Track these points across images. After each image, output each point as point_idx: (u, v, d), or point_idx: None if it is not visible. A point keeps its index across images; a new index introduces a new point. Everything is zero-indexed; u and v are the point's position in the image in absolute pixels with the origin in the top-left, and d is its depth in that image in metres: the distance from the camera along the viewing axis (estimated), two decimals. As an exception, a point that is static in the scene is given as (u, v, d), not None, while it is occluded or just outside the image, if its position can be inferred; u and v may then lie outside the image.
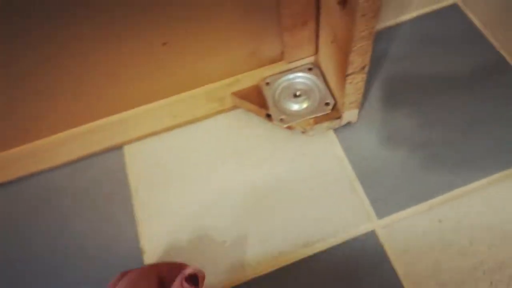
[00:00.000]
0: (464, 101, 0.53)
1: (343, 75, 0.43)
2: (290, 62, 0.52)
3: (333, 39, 0.44)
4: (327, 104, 0.50)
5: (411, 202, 0.48)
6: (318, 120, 0.50)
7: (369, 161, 0.51)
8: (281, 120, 0.50)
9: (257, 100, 0.53)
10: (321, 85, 0.51)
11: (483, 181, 0.48)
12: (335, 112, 0.50)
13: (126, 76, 0.47)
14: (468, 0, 0.61)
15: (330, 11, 0.41)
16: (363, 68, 0.42)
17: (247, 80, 0.53)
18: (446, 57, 0.57)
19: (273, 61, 0.52)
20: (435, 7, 0.62)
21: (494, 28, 0.58)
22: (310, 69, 0.53)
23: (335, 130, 0.54)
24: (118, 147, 0.56)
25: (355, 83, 0.44)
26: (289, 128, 0.52)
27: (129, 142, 0.55)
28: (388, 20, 0.61)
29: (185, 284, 0.34)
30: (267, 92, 0.52)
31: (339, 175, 0.51)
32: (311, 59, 0.53)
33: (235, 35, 0.46)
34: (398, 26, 0.61)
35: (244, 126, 0.55)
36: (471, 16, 0.60)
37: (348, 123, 0.53)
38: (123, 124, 0.53)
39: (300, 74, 0.53)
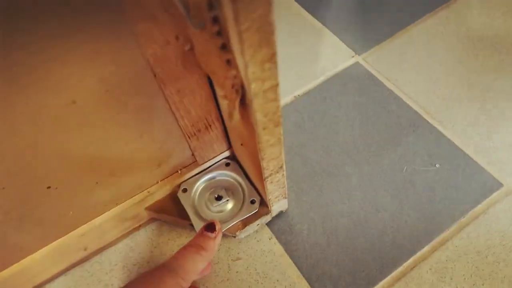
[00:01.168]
0: (385, 163, 0.52)
1: (262, 178, 0.39)
2: (203, 163, 0.48)
3: (242, 142, 0.40)
4: (252, 202, 0.46)
5: (363, 289, 0.44)
6: (247, 222, 0.46)
7: (309, 252, 0.47)
8: (206, 230, 0.45)
9: (175, 211, 0.47)
10: (243, 181, 0.47)
11: (427, 247, 0.46)
12: (263, 208, 0.46)
13: (17, 222, 0.39)
14: (368, 58, 0.62)
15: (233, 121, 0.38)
16: (280, 167, 0.38)
17: (160, 191, 0.47)
18: (359, 116, 0.56)
19: (185, 165, 0.47)
20: (338, 68, 0.61)
21: (399, 83, 0.59)
22: (227, 164, 0.48)
23: (269, 223, 0.49)
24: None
25: (276, 182, 0.40)
26: (217, 234, 0.46)
27: (38, 286, 0.46)
28: (297, 90, 0.60)
29: (205, 232, 0.40)
30: (186, 200, 0.46)
31: (283, 276, 0.46)
32: (226, 153, 0.49)
33: (136, 154, 0.40)
34: (308, 93, 0.59)
35: (166, 239, 0.49)
36: (374, 72, 0.60)
37: (280, 212, 0.49)
38: (27, 272, 0.44)
39: (218, 172, 0.48)
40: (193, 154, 0.46)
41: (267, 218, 0.47)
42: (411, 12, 0.66)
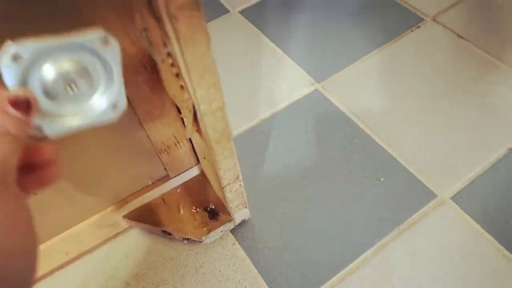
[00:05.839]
0: (338, 178, 0.59)
1: (221, 187, 0.45)
2: (174, 176, 0.54)
3: (205, 156, 0.47)
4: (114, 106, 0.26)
5: (314, 288, 0.50)
6: (211, 228, 0.52)
7: (268, 256, 0.53)
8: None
9: (150, 219, 0.53)
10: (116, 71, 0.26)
11: (370, 250, 0.52)
12: (225, 216, 0.52)
13: None
14: (326, 86, 0.70)
15: (194, 136, 0.44)
16: (236, 177, 0.45)
17: (135, 201, 0.53)
18: (316, 137, 0.63)
19: (157, 178, 0.54)
20: (300, 95, 0.69)
21: (353, 108, 0.67)
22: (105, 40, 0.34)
23: (233, 231, 0.55)
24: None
25: (234, 191, 0.47)
26: (186, 240, 0.52)
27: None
28: (262, 114, 0.67)
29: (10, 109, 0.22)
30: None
31: (243, 277, 0.51)
32: (195, 168, 0.55)
33: (114, 167, 0.47)
34: (272, 117, 0.67)
35: (141, 247, 0.55)
36: (331, 98, 0.68)
37: (243, 221, 0.55)
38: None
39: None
40: (165, 169, 0.53)
41: (230, 225, 0.53)
42: (366, 45, 0.75)
